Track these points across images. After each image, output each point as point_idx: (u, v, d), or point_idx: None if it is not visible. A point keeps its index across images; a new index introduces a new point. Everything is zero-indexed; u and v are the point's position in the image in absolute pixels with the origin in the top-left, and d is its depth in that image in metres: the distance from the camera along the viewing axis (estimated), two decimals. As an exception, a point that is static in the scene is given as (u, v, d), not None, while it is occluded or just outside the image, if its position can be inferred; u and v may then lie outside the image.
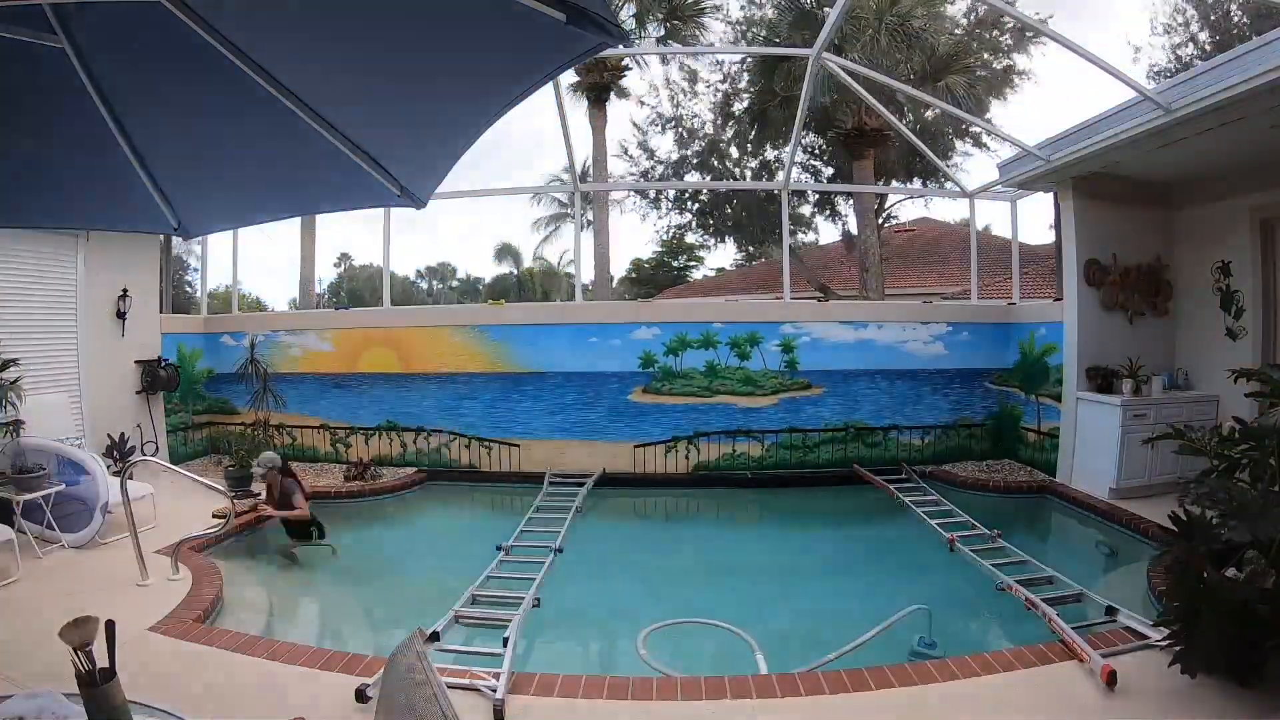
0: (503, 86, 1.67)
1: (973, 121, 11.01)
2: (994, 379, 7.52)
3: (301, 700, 2.77)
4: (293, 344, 7.79)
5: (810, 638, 3.89)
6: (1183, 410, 5.82)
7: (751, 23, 13.92)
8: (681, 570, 5.33)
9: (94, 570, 4.26)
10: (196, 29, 1.56)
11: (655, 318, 7.49)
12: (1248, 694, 2.66)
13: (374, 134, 1.95)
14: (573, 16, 1.27)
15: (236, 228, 6.75)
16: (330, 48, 1.69)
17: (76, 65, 1.71)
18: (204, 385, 7.93)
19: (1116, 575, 4.77)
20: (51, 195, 2.23)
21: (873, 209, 13.47)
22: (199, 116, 1.99)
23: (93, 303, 6.54)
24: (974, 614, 4.30)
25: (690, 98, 15.61)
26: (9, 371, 4.81)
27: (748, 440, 7.29)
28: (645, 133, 16.26)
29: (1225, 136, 4.80)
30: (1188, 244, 6.36)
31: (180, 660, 3.12)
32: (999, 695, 2.81)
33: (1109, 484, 5.74)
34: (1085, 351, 6.25)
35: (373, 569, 5.36)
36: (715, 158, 15.66)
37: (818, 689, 2.86)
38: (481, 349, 7.48)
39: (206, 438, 7.90)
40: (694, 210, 16.97)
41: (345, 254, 34.38)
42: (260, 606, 4.39)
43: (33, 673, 2.73)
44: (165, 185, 2.20)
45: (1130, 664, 2.93)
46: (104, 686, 1.37)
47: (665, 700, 2.81)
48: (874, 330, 7.39)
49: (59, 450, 4.81)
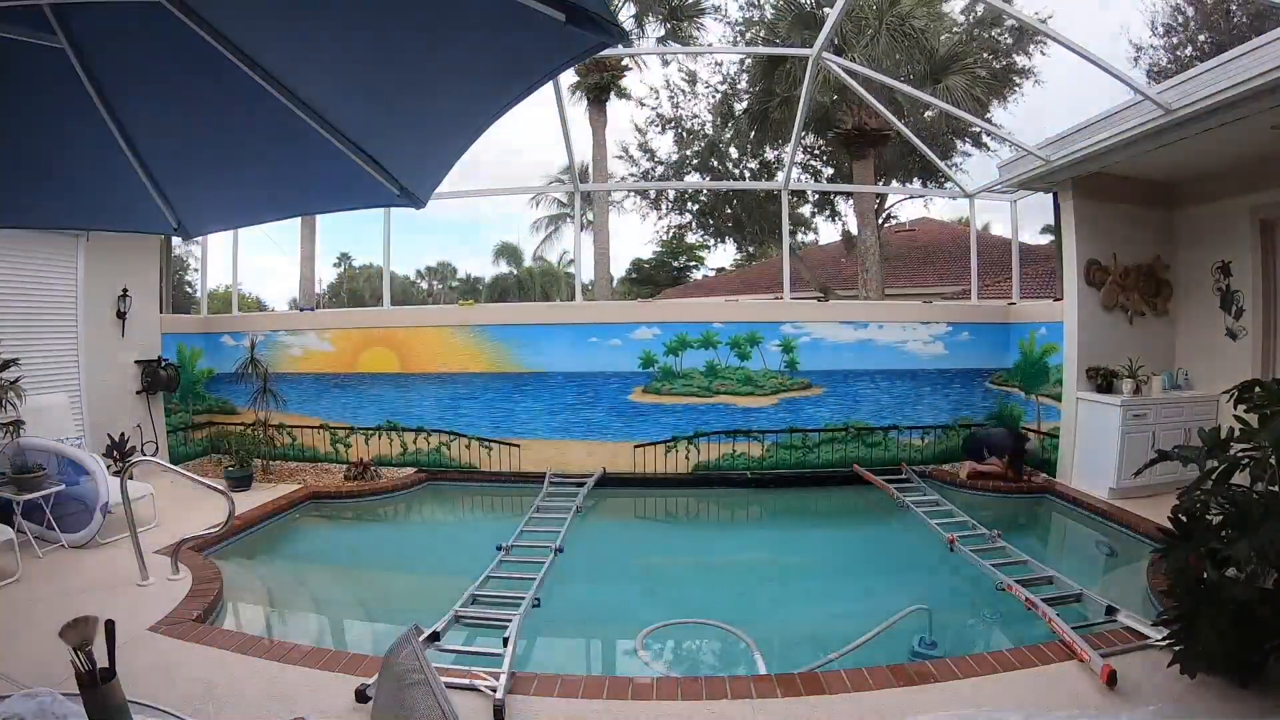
0: (502, 86, 1.67)
1: (973, 122, 11.01)
2: (994, 379, 7.52)
3: (301, 700, 2.78)
4: (293, 344, 7.80)
5: (810, 638, 3.89)
6: (1182, 410, 5.83)
7: (751, 23, 13.92)
8: (681, 570, 5.34)
9: (94, 570, 4.26)
10: (196, 29, 1.56)
11: (655, 318, 7.49)
12: (1248, 694, 2.66)
13: (374, 134, 1.95)
14: (572, 16, 1.27)
15: (236, 228, 6.75)
16: (330, 47, 1.69)
17: (76, 65, 1.71)
18: (204, 385, 7.93)
19: (1116, 575, 4.77)
20: (51, 195, 2.23)
21: (873, 209, 13.46)
22: (199, 116, 1.99)
23: (93, 303, 6.54)
24: (974, 614, 4.31)
25: (690, 98, 15.63)
26: (9, 371, 4.81)
27: (748, 440, 7.29)
28: (645, 133, 16.28)
29: (1225, 136, 4.80)
30: (1188, 244, 6.36)
31: (180, 660, 3.11)
32: (999, 695, 2.81)
33: (1109, 484, 5.74)
34: (1085, 351, 6.25)
35: (373, 569, 5.37)
36: (715, 158, 15.65)
37: (818, 689, 2.85)
38: (482, 349, 7.48)
39: (206, 438, 7.90)
40: (694, 210, 16.97)
41: (345, 254, 34.38)
42: (260, 606, 4.40)
43: (33, 673, 2.73)
44: (165, 185, 2.20)
45: (1130, 664, 2.94)
46: (104, 686, 1.37)
47: (665, 700, 2.81)
48: (874, 330, 7.39)
49: (59, 450, 4.81)
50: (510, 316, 7.83)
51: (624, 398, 7.34)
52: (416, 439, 7.55)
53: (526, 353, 7.42)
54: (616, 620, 4.29)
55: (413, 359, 7.58)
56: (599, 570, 5.19)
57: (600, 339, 7.37)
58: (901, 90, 8.61)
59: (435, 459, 7.49)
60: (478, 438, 7.45)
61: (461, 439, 7.47)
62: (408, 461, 7.51)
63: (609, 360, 7.34)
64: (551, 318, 7.85)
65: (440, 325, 7.64)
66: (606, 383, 7.35)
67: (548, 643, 3.88)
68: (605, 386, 7.35)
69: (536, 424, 7.40)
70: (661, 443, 7.30)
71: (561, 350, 7.39)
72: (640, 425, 7.32)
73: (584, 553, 5.10)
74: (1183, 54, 13.93)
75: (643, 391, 7.34)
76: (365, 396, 7.65)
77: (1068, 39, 4.96)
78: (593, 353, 7.36)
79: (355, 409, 7.67)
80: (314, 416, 7.73)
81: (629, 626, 3.94)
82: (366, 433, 7.62)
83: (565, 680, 2.95)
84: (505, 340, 7.45)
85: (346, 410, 7.68)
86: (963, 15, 12.67)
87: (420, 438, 7.54)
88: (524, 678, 2.95)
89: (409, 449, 7.55)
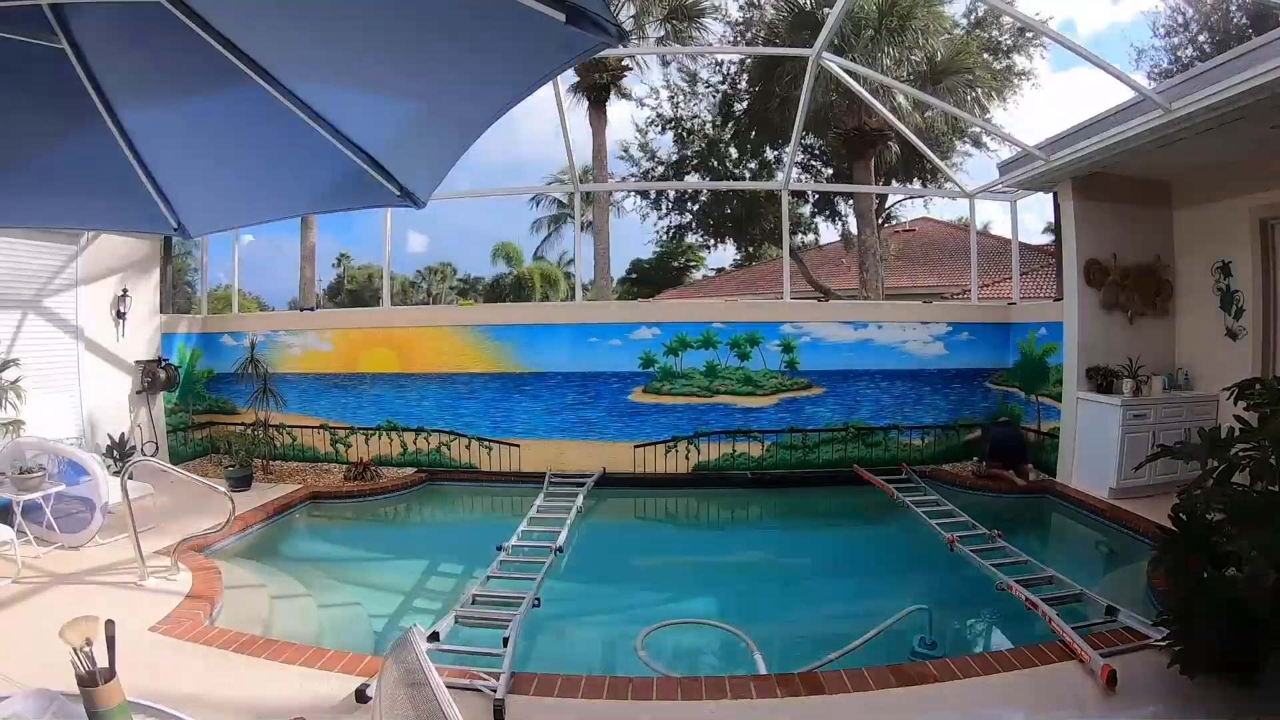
0: (502, 86, 1.67)
1: (973, 122, 11.02)
2: (994, 379, 7.52)
3: (301, 700, 2.77)
4: (293, 344, 7.80)
5: (810, 638, 3.89)
6: (1182, 410, 5.83)
7: (751, 23, 13.92)
8: (681, 570, 5.34)
9: (94, 571, 4.26)
10: (197, 29, 1.56)
11: (655, 318, 7.49)
12: (1248, 694, 2.66)
13: (374, 134, 1.95)
14: (572, 16, 1.27)
15: (236, 228, 6.76)
16: (330, 48, 1.69)
17: (76, 65, 1.71)
18: (204, 385, 7.93)
19: (1116, 575, 4.76)
20: (51, 195, 2.22)
21: (872, 209, 13.46)
22: (199, 116, 1.99)
23: (93, 303, 6.54)
24: (974, 614, 4.31)
25: (690, 98, 15.62)
26: (9, 371, 4.82)
27: (748, 440, 7.29)
28: (645, 133, 16.28)
29: (1225, 136, 4.80)
30: (1188, 244, 6.36)
31: (180, 660, 3.12)
32: (999, 695, 2.81)
33: (1109, 484, 5.74)
34: (1085, 351, 6.25)
35: (373, 569, 5.37)
36: (715, 158, 15.65)
37: (818, 689, 2.85)
38: (482, 349, 7.48)
39: (206, 438, 7.90)
40: (694, 210, 16.97)
41: (345, 254, 34.35)
42: (260, 606, 4.39)
43: (33, 673, 2.73)
44: (165, 185, 2.19)
45: (1130, 664, 2.94)
46: (104, 686, 1.37)
47: (665, 700, 2.81)
48: (874, 330, 7.39)
49: (59, 450, 4.80)
50: (510, 316, 7.83)
51: (624, 398, 7.34)
52: (416, 439, 7.55)
53: (526, 353, 7.42)
54: (617, 620, 4.29)
55: (413, 359, 7.58)
56: (598, 570, 5.19)
57: (600, 339, 7.37)
58: (901, 90, 8.61)
59: (435, 459, 7.49)
60: (478, 438, 7.45)
61: (461, 439, 7.47)
62: (408, 461, 7.51)
63: (609, 360, 7.34)
64: (551, 318, 7.85)
65: (440, 325, 7.64)
66: (606, 383, 7.35)
67: (548, 642, 3.88)
68: (605, 386, 7.35)
69: (536, 424, 7.40)
70: (661, 443, 7.29)
71: (561, 350, 7.39)
72: (640, 425, 7.32)
73: (585, 553, 5.10)
74: (1183, 54, 13.92)
75: (643, 391, 7.34)
76: (365, 396, 7.65)
77: (1068, 39, 4.97)
78: (593, 353, 7.36)
79: (355, 409, 7.67)
80: (314, 416, 7.73)
81: (629, 626, 3.94)
82: (366, 433, 7.62)
83: (565, 680, 2.94)
84: (505, 340, 7.45)
85: (346, 410, 7.68)
86: (965, 18, 12.68)
87: (420, 438, 7.54)
88: (524, 677, 2.95)
89: (409, 449, 7.55)
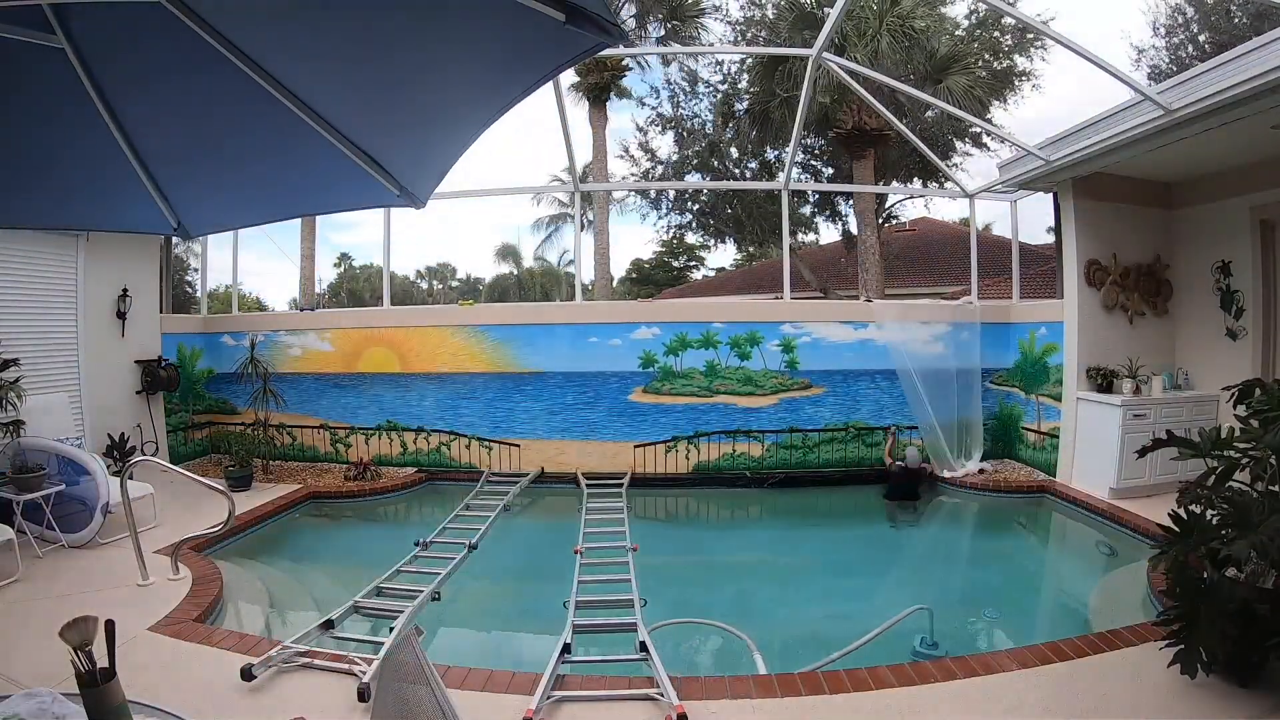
0: (502, 86, 1.67)
1: (973, 122, 11.01)
2: (994, 379, 7.52)
3: (302, 700, 2.78)
4: (293, 344, 7.80)
5: (810, 638, 3.89)
6: (1182, 410, 5.82)
7: (752, 23, 13.92)
8: (681, 570, 5.33)
9: (94, 570, 4.26)
10: (196, 29, 1.56)
11: (655, 318, 7.49)
12: (1248, 694, 2.66)
13: (374, 134, 1.95)
14: (572, 16, 1.27)
15: (236, 228, 6.75)
16: (330, 48, 1.69)
17: (76, 65, 1.71)
18: (204, 385, 7.93)
19: (1116, 575, 4.76)
20: (51, 195, 2.23)
21: (873, 209, 13.45)
22: (199, 116, 1.99)
23: (93, 303, 6.54)
24: (974, 614, 4.30)
25: (690, 98, 15.62)
26: (9, 371, 4.81)
27: (748, 440, 7.29)
28: (645, 133, 16.27)
29: (1225, 136, 4.80)
30: (1188, 244, 6.36)
31: (180, 660, 3.12)
32: (999, 695, 2.81)
33: (1109, 484, 5.74)
34: (1085, 351, 6.25)
35: (373, 569, 5.35)
36: (715, 158, 15.64)
37: (818, 689, 2.85)
38: (482, 349, 7.48)
39: (206, 438, 7.90)
40: (694, 210, 16.96)
41: (345, 254, 34.39)
42: (260, 606, 4.39)
43: (33, 673, 2.74)
44: (165, 185, 2.19)
45: (1130, 664, 2.93)
46: (104, 686, 1.37)
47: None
48: (874, 330, 7.39)
49: (59, 450, 4.81)
50: (510, 316, 7.82)
51: (624, 398, 7.34)
52: (416, 439, 7.55)
53: (526, 353, 7.41)
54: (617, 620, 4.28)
55: (413, 359, 7.58)
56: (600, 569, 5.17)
57: (600, 339, 7.37)
58: (902, 90, 8.60)
59: (435, 459, 7.49)
60: (478, 438, 7.45)
61: (461, 439, 7.47)
62: (408, 461, 7.51)
63: (609, 360, 7.34)
64: (551, 318, 7.85)
65: (440, 325, 7.64)
66: (606, 383, 7.35)
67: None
68: (605, 386, 7.35)
69: (537, 424, 7.40)
70: (661, 443, 7.30)
71: (561, 350, 7.39)
72: (640, 425, 7.32)
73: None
74: (1183, 54, 13.92)
75: (643, 391, 7.34)
76: (365, 396, 7.65)
77: (1069, 39, 4.96)
78: (593, 353, 7.36)
79: (355, 409, 7.67)
80: (314, 416, 7.73)
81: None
82: (366, 433, 7.62)
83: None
84: (505, 340, 7.44)
85: (346, 410, 7.68)
86: (966, 19, 12.66)
87: (420, 438, 7.54)
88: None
89: (409, 449, 7.55)
